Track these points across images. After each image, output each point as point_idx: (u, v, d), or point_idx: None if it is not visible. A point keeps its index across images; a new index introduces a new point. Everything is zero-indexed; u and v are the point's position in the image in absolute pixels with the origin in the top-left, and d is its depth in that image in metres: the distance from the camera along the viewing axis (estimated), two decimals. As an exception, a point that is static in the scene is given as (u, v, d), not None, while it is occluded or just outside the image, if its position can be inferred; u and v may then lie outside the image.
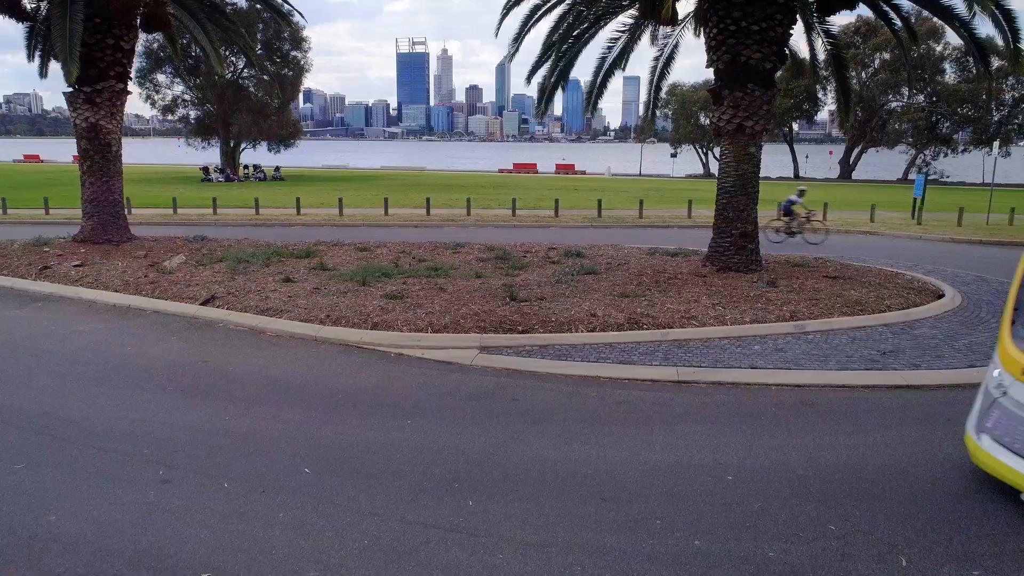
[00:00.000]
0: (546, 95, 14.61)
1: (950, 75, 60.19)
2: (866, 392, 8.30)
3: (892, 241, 21.85)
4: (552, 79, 14.29)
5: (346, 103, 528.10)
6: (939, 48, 58.57)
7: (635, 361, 9.12)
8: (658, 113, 17.54)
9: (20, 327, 11.13)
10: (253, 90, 53.62)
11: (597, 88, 15.58)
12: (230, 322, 10.88)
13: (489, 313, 10.64)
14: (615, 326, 10.20)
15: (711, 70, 13.68)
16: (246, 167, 55.70)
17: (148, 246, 16.67)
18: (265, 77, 51.85)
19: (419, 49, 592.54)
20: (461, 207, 28.51)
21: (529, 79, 14.74)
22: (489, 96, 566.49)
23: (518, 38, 13.95)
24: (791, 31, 13.21)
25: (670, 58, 16.26)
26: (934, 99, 59.89)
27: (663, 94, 18.62)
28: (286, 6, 34.09)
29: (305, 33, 54.60)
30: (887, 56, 58.11)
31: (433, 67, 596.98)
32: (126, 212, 18.71)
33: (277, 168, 54.68)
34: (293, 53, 54.38)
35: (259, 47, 51.64)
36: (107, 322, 11.24)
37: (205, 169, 51.58)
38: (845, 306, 11.25)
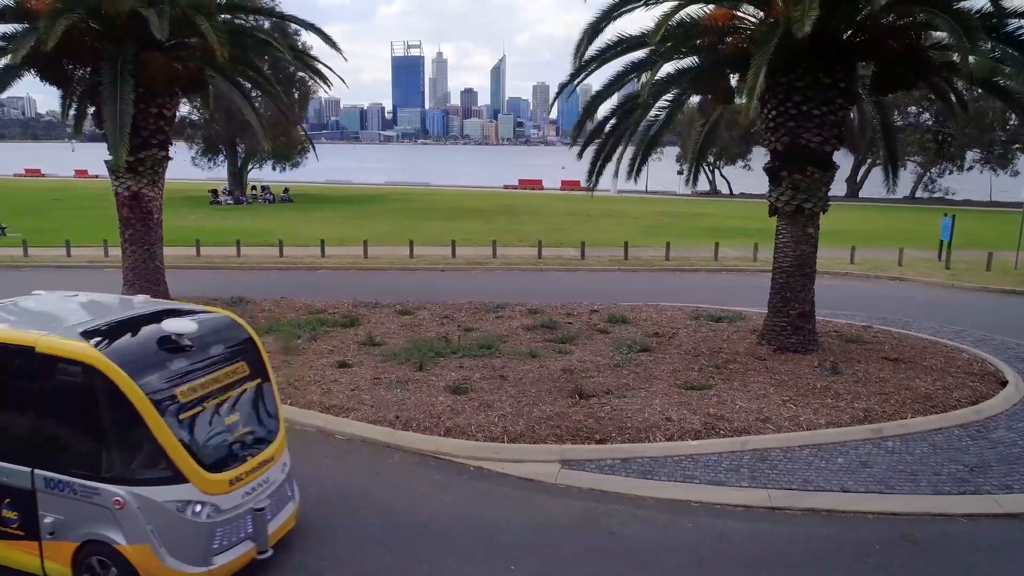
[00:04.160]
0: (596, 168, 14.51)
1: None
2: (966, 524, 8.20)
3: (925, 292, 21.78)
4: (603, 156, 14.23)
5: (341, 106, 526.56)
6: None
7: (723, 481, 9.01)
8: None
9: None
10: (261, 109, 53.34)
11: (641, 155, 15.49)
12: (296, 422, 10.66)
13: (561, 417, 10.51)
14: (692, 433, 10.09)
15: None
16: (254, 188, 55.38)
17: (188, 312, 16.41)
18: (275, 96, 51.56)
19: (414, 52, 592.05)
20: (484, 244, 28.34)
21: (581, 155, 14.76)
22: (484, 99, 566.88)
23: (580, 123, 13.96)
24: (851, 112, 13.14)
25: (716, 123, 16.20)
26: (940, 118, 59.95)
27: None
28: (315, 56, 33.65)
29: (312, 52, 54.29)
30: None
31: (428, 70, 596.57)
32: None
33: (286, 189, 54.33)
34: (300, 74, 54.09)
35: (266, 67, 51.33)
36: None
37: (214, 192, 51.27)
38: (915, 401, 11.18)
